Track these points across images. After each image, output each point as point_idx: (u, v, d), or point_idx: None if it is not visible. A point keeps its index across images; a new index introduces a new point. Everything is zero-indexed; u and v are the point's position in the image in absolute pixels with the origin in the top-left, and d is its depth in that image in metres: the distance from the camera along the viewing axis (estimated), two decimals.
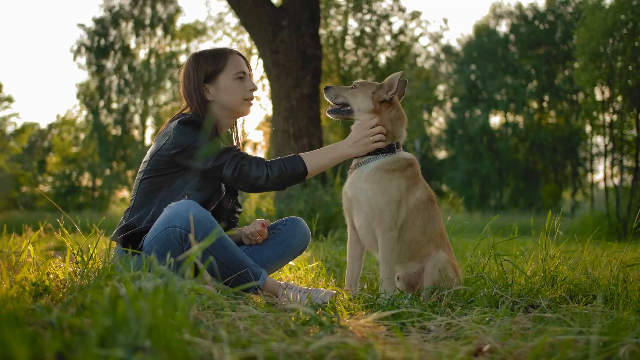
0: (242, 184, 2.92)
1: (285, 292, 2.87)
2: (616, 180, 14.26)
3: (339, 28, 22.61)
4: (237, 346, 1.55)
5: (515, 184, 40.24)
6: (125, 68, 35.52)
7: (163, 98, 36.88)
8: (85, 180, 42.19)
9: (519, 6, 42.59)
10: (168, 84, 36.53)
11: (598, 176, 39.14)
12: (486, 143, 40.31)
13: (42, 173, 42.91)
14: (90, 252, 2.68)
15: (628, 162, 17.06)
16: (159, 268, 1.48)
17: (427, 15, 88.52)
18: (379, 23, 23.08)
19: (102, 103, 35.81)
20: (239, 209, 3.38)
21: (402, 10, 23.78)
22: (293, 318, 2.13)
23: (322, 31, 20.85)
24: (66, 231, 2.85)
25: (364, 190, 2.92)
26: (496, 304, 2.65)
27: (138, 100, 35.93)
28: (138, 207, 2.99)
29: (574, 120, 37.76)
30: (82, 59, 35.40)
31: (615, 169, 14.89)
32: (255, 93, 3.20)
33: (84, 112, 38.21)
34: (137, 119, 36.37)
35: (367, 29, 22.90)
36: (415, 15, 24.25)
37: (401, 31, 23.70)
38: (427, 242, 2.97)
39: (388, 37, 23.62)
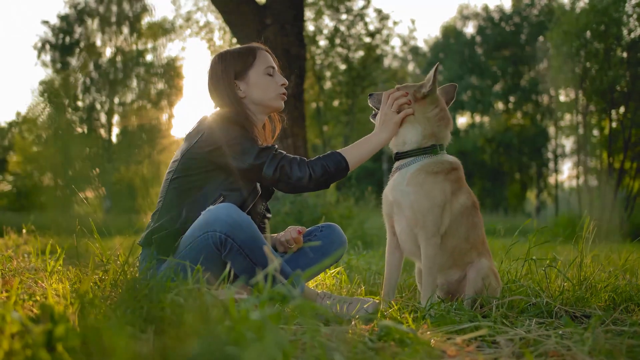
0: (283, 184, 2.78)
1: (329, 302, 2.72)
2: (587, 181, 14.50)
3: (312, 28, 22.51)
4: None
5: (481, 185, 40.62)
6: (91, 66, 34.77)
7: (130, 97, 36.21)
8: (47, 179, 41.22)
9: (486, 8, 43.14)
10: (134, 83, 35.92)
11: (562, 176, 39.86)
12: (453, 143, 40.63)
13: (3, 172, 41.78)
14: (123, 260, 2.50)
15: (591, 164, 17.36)
16: (283, 288, 1.33)
17: (395, 15, 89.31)
18: (352, 24, 23.01)
19: (66, 101, 34.99)
20: (269, 215, 3.22)
21: (377, 11, 23.76)
22: (359, 332, 1.99)
23: None
24: (97, 235, 2.65)
25: (406, 193, 2.77)
26: (550, 314, 2.54)
27: (104, 99, 35.23)
28: (168, 209, 2.81)
29: (539, 121, 38.37)
30: (47, 57, 34.56)
31: (587, 170, 15.14)
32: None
33: (47, 110, 37.37)
34: (103, 118, 35.67)
35: (342, 28, 22.82)
36: (385, 17, 24.25)
37: (377, 31, 23.68)
38: (469, 250, 2.84)
39: (362, 37, 23.59)
